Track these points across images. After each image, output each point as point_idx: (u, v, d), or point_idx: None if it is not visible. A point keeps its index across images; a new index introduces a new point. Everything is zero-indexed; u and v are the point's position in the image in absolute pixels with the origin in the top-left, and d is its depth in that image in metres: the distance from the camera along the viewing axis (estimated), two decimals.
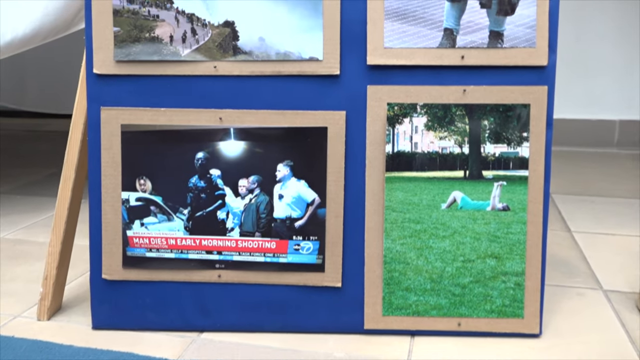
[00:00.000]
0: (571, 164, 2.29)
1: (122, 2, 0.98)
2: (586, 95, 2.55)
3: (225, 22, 0.98)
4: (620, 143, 2.56)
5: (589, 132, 2.57)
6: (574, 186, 2.00)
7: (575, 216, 1.68)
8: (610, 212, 1.72)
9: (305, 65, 0.98)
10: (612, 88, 2.54)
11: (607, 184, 2.04)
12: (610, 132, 2.57)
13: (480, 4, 0.97)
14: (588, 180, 2.09)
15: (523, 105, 0.97)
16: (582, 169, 2.23)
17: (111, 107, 1.00)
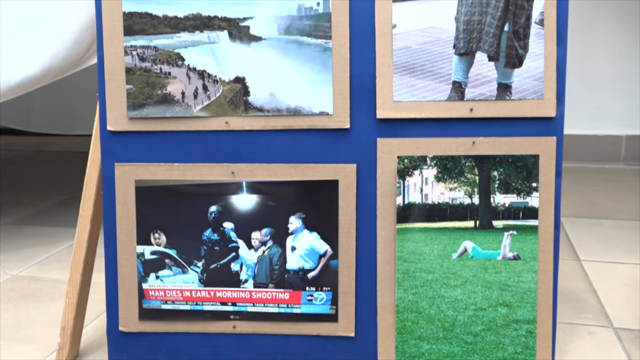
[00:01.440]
0: (578, 182, 2.30)
1: (134, 60, 0.99)
2: (592, 111, 2.56)
3: (236, 78, 0.99)
4: (627, 158, 2.57)
5: (596, 148, 2.58)
6: (581, 207, 2.01)
7: (584, 242, 1.69)
8: (619, 237, 1.73)
9: (316, 120, 0.99)
10: (618, 104, 2.54)
11: (614, 204, 2.05)
12: (616, 147, 2.57)
13: (488, 57, 0.98)
14: (595, 200, 2.09)
15: (532, 155, 0.98)
16: (589, 188, 2.23)
17: (125, 163, 1.01)
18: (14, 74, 1.54)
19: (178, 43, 0.99)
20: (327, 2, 0.97)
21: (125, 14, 0.98)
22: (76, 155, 3.17)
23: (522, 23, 0.97)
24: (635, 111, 2.53)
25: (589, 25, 2.49)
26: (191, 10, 0.98)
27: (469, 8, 0.97)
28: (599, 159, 2.57)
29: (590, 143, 2.57)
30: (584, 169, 2.50)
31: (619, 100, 2.53)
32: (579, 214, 1.94)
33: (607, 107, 2.55)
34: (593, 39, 2.50)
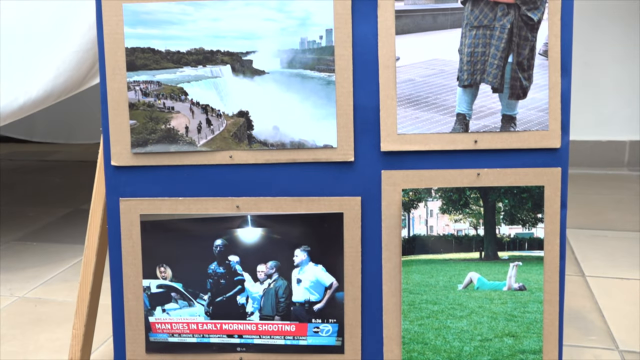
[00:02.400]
0: (582, 190, 2.29)
1: (138, 96, 0.99)
2: (596, 117, 2.55)
3: (240, 112, 0.99)
4: (631, 163, 2.56)
5: (599, 153, 2.57)
6: (585, 218, 2.01)
7: (589, 256, 1.69)
8: (624, 251, 1.72)
9: (320, 153, 0.99)
10: (621, 109, 2.53)
11: (618, 214, 2.05)
12: (620, 152, 2.56)
13: (493, 89, 0.97)
14: (599, 210, 2.09)
15: (537, 187, 0.98)
16: (593, 196, 2.23)
17: (130, 198, 1.01)
18: (17, 96, 1.54)
19: (181, 78, 0.99)
20: (330, 36, 0.97)
21: (127, 50, 0.98)
22: (79, 164, 3.18)
23: (526, 54, 0.97)
24: (638, 117, 2.52)
25: (593, 31, 2.48)
26: (194, 45, 0.98)
27: (473, 40, 0.97)
28: (603, 164, 2.57)
29: (594, 148, 2.56)
30: (587, 175, 2.50)
31: (623, 106, 2.52)
32: (583, 225, 1.93)
33: (611, 113, 2.54)
34: (597, 44, 2.48)
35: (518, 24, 0.96)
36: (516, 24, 0.96)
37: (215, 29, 0.97)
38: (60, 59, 1.54)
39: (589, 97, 2.51)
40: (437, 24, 0.97)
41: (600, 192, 2.27)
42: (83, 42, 1.55)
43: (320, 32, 0.97)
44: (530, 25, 0.96)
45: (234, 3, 0.97)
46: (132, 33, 0.97)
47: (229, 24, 0.97)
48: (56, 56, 1.54)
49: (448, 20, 0.97)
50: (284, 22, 0.97)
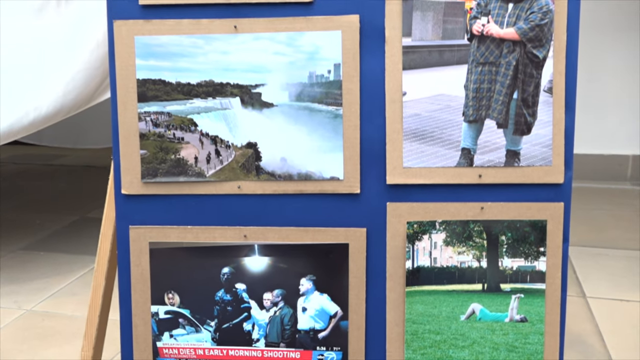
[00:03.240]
0: (584, 206, 2.31)
1: (148, 126, 1.01)
2: (599, 131, 2.56)
3: (248, 144, 1.01)
4: (634, 177, 2.57)
5: (602, 167, 2.58)
6: (587, 235, 2.02)
7: (590, 276, 1.70)
8: (625, 270, 1.74)
9: (327, 185, 1.01)
10: (624, 124, 2.54)
11: (621, 231, 2.06)
12: (623, 166, 2.57)
13: (497, 125, 0.99)
14: (601, 226, 2.10)
15: (540, 221, 0.99)
16: (595, 212, 2.24)
17: (139, 226, 1.03)
18: (27, 112, 1.56)
19: (191, 109, 1.01)
20: (338, 70, 0.98)
21: (139, 81, 1.00)
22: (85, 169, 3.20)
23: (531, 91, 0.98)
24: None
25: (596, 47, 2.49)
26: (204, 77, 1.00)
27: (478, 76, 0.98)
28: (606, 178, 2.58)
29: (597, 162, 2.57)
30: (590, 189, 2.51)
31: (625, 121, 2.54)
32: (585, 243, 1.95)
33: (614, 128, 2.55)
34: (599, 60, 2.49)
35: (523, 61, 0.97)
36: (522, 61, 0.97)
37: (225, 61, 0.99)
38: (70, 76, 1.56)
39: (592, 112, 2.52)
40: (443, 60, 0.98)
41: (602, 207, 2.28)
42: (92, 59, 1.57)
43: (328, 66, 0.98)
44: (535, 63, 0.97)
45: (243, 37, 0.98)
46: (144, 65, 0.99)
47: (239, 57, 0.99)
48: (66, 73, 1.56)
49: (454, 56, 0.98)
50: (293, 56, 0.98)
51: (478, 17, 0.97)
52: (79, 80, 1.56)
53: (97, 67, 1.57)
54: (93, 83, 1.59)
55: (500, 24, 0.97)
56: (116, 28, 0.99)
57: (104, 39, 1.56)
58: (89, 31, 1.55)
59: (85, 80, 1.57)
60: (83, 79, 1.56)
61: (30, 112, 1.53)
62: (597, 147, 2.57)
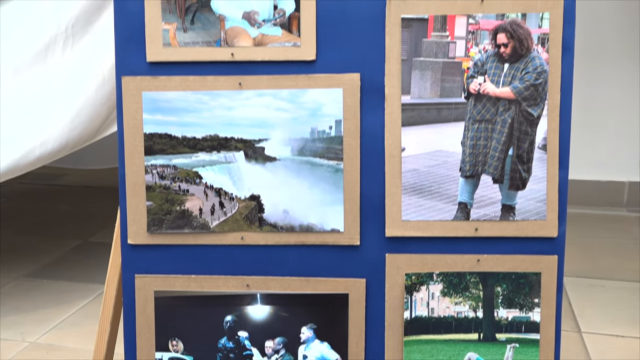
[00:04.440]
0: (581, 233, 2.33)
1: (155, 178, 1.04)
2: (596, 158, 2.59)
3: (252, 196, 1.04)
4: (630, 204, 2.60)
5: (598, 193, 2.61)
6: (583, 264, 2.04)
7: (586, 310, 1.73)
8: (621, 303, 1.76)
9: (328, 236, 1.04)
10: (621, 151, 2.58)
11: (617, 260, 2.09)
12: (619, 193, 2.60)
13: (493, 180, 1.02)
14: (597, 255, 2.13)
15: (534, 273, 1.02)
16: (591, 240, 2.27)
17: (145, 275, 1.06)
18: (34, 148, 1.59)
19: (196, 162, 1.04)
20: (339, 126, 1.02)
21: (146, 135, 1.03)
22: (87, 190, 3.22)
23: (526, 148, 1.01)
24: (638, 158, 2.57)
25: (593, 75, 2.53)
26: (209, 132, 1.03)
27: (475, 133, 1.01)
28: (602, 204, 2.60)
29: (593, 188, 2.60)
30: (586, 215, 2.54)
31: (622, 148, 2.57)
32: (580, 273, 1.97)
33: (610, 154, 2.58)
34: (597, 88, 2.53)
35: (519, 119, 1.01)
36: (517, 118, 1.01)
37: (230, 117, 1.02)
38: (75, 112, 1.59)
39: (589, 139, 2.55)
40: (441, 117, 1.01)
41: (598, 235, 2.31)
42: (97, 96, 1.60)
43: (330, 122, 1.02)
44: (530, 121, 1.00)
45: (247, 93, 1.01)
46: (151, 119, 1.02)
47: (243, 113, 1.02)
48: (72, 110, 1.58)
49: (452, 114, 1.01)
50: (296, 112, 1.01)
51: (475, 77, 1.00)
52: (84, 116, 1.59)
53: (102, 104, 1.60)
54: (99, 119, 1.62)
55: (496, 83, 1.00)
56: (124, 84, 1.02)
57: (109, 76, 1.60)
58: (94, 69, 1.58)
59: (90, 116, 1.60)
60: (89, 115, 1.59)
61: (36, 148, 1.56)
62: (594, 173, 2.60)
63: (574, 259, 2.07)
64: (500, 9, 0.99)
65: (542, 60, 0.99)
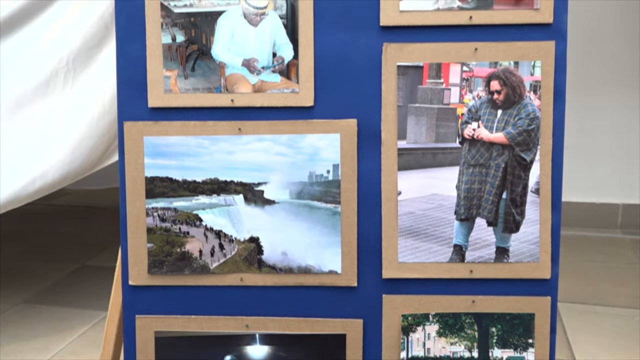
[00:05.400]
0: (575, 255, 2.35)
1: (156, 221, 1.06)
2: (590, 180, 2.62)
3: (251, 238, 1.06)
4: (624, 225, 2.63)
5: (593, 215, 2.64)
6: (577, 289, 2.06)
7: (580, 337, 1.74)
8: (615, 330, 1.78)
9: (325, 278, 1.06)
10: (615, 174, 2.61)
11: (611, 285, 2.11)
12: (613, 215, 2.63)
13: (488, 223, 1.04)
14: (592, 280, 2.15)
15: (528, 314, 1.04)
16: (585, 264, 2.29)
17: (145, 315, 1.07)
18: (34, 179, 1.60)
19: (196, 205, 1.06)
20: (337, 170, 1.04)
21: (147, 179, 1.05)
22: (86, 210, 3.24)
23: (519, 191, 1.03)
24: (633, 181, 2.60)
25: (588, 97, 2.56)
26: (209, 175, 1.05)
27: (470, 177, 1.03)
28: (596, 225, 2.63)
29: (587, 210, 2.63)
30: (581, 237, 2.56)
31: (616, 171, 2.60)
32: (574, 299, 1.99)
33: (604, 177, 2.61)
34: (591, 111, 2.56)
35: (512, 164, 1.03)
36: (510, 163, 1.03)
37: (230, 161, 1.04)
38: (76, 144, 1.61)
39: (583, 162, 2.58)
40: (436, 161, 1.04)
41: (593, 258, 2.33)
42: (98, 128, 1.62)
43: (327, 166, 1.04)
44: (523, 165, 1.03)
45: (247, 138, 1.04)
46: (152, 163, 1.04)
47: (243, 157, 1.04)
48: (72, 141, 1.60)
49: (447, 158, 1.04)
50: (294, 156, 1.04)
51: (469, 122, 1.03)
52: (85, 148, 1.61)
53: (103, 135, 1.62)
54: (99, 149, 1.64)
55: (490, 129, 1.03)
56: (126, 129, 1.04)
57: (110, 107, 1.62)
58: (95, 100, 1.60)
59: (91, 147, 1.62)
60: (89, 146, 1.61)
61: (36, 180, 1.58)
62: (588, 195, 2.63)
63: (568, 283, 2.09)
64: (493, 57, 1.02)
65: (535, 107, 1.02)
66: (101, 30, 1.60)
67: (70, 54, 1.59)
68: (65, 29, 1.59)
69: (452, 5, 1.00)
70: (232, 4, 1.01)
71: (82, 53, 1.60)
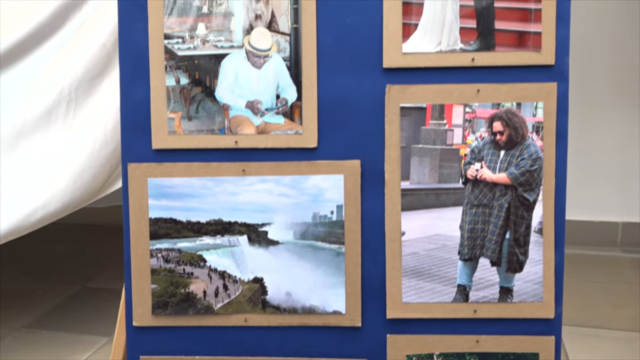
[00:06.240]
0: (576, 276, 2.35)
1: (160, 262, 1.06)
2: (590, 199, 2.62)
3: (255, 279, 1.06)
4: (624, 244, 2.64)
5: (592, 233, 2.64)
6: (578, 312, 2.06)
7: None
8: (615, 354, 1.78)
9: (330, 318, 1.06)
10: (614, 193, 2.61)
11: (612, 308, 2.11)
12: (613, 233, 2.64)
13: (491, 263, 1.04)
14: (592, 302, 2.15)
15: (532, 353, 1.05)
16: (586, 285, 2.29)
17: (150, 356, 1.07)
18: (36, 209, 1.60)
19: (200, 246, 1.06)
20: (341, 211, 1.04)
21: (151, 220, 1.05)
22: (85, 229, 3.22)
23: (523, 231, 1.04)
24: (632, 200, 2.60)
25: (587, 115, 2.57)
26: (213, 216, 1.05)
27: (473, 217, 1.04)
28: (596, 244, 2.64)
29: (587, 229, 2.64)
30: (581, 256, 2.57)
31: (615, 190, 2.61)
32: (575, 321, 1.99)
33: (604, 196, 2.62)
34: (591, 131, 2.57)
35: (515, 204, 1.03)
36: (513, 203, 1.03)
37: (234, 202, 1.04)
38: (78, 173, 1.61)
39: (583, 180, 2.59)
40: (439, 201, 1.04)
41: (594, 279, 2.34)
42: (100, 156, 1.62)
43: (331, 207, 1.04)
44: (526, 205, 1.03)
45: (251, 179, 1.04)
46: (156, 205, 1.04)
47: (246, 198, 1.04)
48: (74, 171, 1.60)
49: (450, 198, 1.04)
50: (298, 197, 1.04)
51: (472, 163, 1.03)
52: (87, 177, 1.61)
53: (104, 164, 1.62)
54: (101, 178, 1.64)
55: (492, 169, 1.03)
56: (130, 171, 1.04)
57: (112, 136, 1.62)
58: (97, 129, 1.60)
59: (93, 176, 1.62)
60: (91, 175, 1.61)
61: (38, 210, 1.58)
62: (588, 214, 2.63)
63: (570, 305, 2.08)
64: (495, 99, 1.02)
65: (537, 148, 1.02)
66: (103, 59, 1.60)
67: (72, 84, 1.59)
68: (67, 58, 1.59)
69: (455, 47, 1.01)
70: (236, 46, 1.02)
71: (84, 83, 1.60)
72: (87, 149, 1.61)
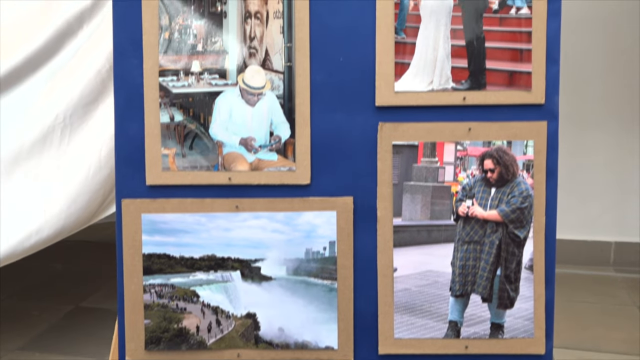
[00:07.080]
0: (569, 297, 2.36)
1: (153, 297, 1.06)
2: (582, 218, 2.64)
3: (248, 314, 1.07)
4: (616, 263, 2.65)
5: (586, 253, 2.66)
6: (572, 333, 2.06)
7: None
8: None
9: (322, 354, 1.06)
10: (607, 212, 2.63)
11: (604, 329, 2.12)
12: (606, 253, 2.65)
13: (482, 299, 1.05)
14: (585, 323, 2.16)
15: None
16: (579, 306, 2.30)
17: None
18: (30, 235, 1.60)
19: (193, 281, 1.06)
20: (333, 247, 1.05)
21: (144, 255, 1.06)
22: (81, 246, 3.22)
23: (513, 268, 1.05)
24: (625, 219, 2.62)
25: (579, 133, 2.59)
26: (206, 252, 1.06)
27: (464, 254, 1.05)
28: (589, 263, 2.65)
29: (580, 248, 2.65)
30: (574, 276, 2.58)
31: (607, 209, 2.62)
32: (569, 344, 2.00)
33: (596, 215, 2.64)
34: (582, 151, 2.59)
35: (506, 241, 1.04)
36: (504, 240, 1.04)
37: (227, 238, 1.05)
38: (72, 199, 1.61)
39: (575, 200, 2.61)
40: (431, 238, 1.05)
41: (586, 299, 2.35)
42: (94, 182, 1.63)
43: (324, 243, 1.05)
44: (517, 242, 1.04)
45: (244, 215, 1.05)
46: (150, 240, 1.05)
47: (240, 234, 1.05)
48: (68, 197, 1.61)
49: (442, 235, 1.05)
50: (291, 234, 1.05)
51: (463, 200, 1.04)
52: (80, 203, 1.61)
53: (98, 189, 1.63)
54: (95, 203, 1.64)
55: (483, 207, 1.04)
56: (124, 206, 1.05)
57: (106, 162, 1.62)
58: (91, 155, 1.61)
59: (87, 202, 1.62)
60: (85, 201, 1.62)
61: (32, 236, 1.58)
62: (581, 233, 2.65)
63: (562, 326, 2.10)
64: (486, 137, 1.03)
65: (528, 185, 1.03)
66: (98, 86, 1.61)
67: (67, 110, 1.60)
68: (62, 85, 1.60)
69: (446, 86, 1.02)
70: (230, 84, 1.03)
71: (78, 109, 1.61)
72: (81, 175, 1.62)
